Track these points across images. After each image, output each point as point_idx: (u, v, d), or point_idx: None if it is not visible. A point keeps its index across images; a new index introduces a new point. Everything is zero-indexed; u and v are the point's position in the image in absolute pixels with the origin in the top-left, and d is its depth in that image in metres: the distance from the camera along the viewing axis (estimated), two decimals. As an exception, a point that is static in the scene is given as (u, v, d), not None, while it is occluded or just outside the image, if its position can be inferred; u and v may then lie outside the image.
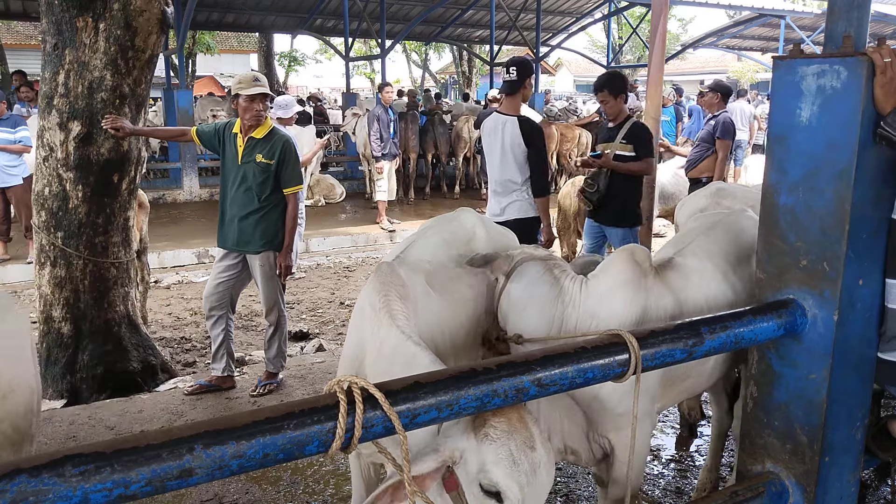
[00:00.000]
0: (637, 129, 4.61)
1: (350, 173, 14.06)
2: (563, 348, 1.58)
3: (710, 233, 2.62)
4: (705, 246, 2.54)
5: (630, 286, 2.25)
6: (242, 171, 4.12)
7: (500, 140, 4.35)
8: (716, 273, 2.43)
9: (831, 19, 1.95)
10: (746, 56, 24.04)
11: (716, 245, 2.54)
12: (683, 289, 2.35)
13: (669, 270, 2.41)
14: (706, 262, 2.46)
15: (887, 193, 1.83)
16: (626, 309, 2.22)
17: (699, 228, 2.70)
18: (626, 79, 4.84)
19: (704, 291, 2.37)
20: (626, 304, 2.22)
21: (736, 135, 6.57)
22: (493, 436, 1.48)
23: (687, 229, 2.84)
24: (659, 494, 3.25)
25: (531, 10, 17.25)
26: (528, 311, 2.24)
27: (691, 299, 2.33)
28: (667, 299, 2.29)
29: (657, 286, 2.30)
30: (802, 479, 1.92)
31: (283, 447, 1.19)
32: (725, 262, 2.48)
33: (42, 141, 4.31)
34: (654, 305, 2.25)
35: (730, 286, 2.43)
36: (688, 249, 2.54)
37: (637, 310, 2.22)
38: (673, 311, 2.28)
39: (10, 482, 0.99)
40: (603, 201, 4.65)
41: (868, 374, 1.94)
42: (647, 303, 2.24)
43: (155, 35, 4.35)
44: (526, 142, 4.28)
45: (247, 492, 3.20)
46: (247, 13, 16.68)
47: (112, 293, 4.57)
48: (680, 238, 2.74)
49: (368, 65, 31.92)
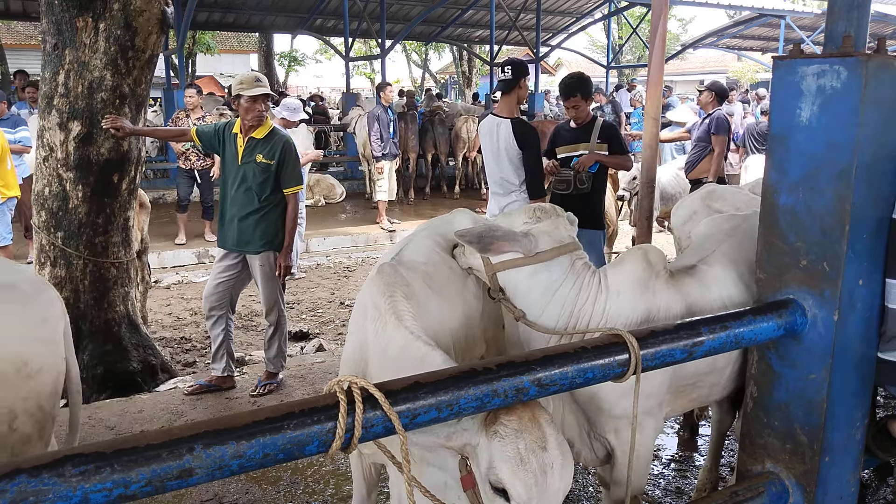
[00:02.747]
0: (610, 128, 4.65)
1: (350, 173, 14.06)
2: (563, 348, 1.58)
3: (731, 239, 2.59)
4: (730, 253, 2.51)
5: (638, 285, 2.24)
6: (242, 171, 4.12)
7: (495, 142, 4.35)
8: (739, 283, 2.41)
9: (831, 19, 1.95)
10: (746, 56, 24.04)
11: (739, 252, 2.51)
12: (701, 297, 2.32)
13: (688, 277, 2.39)
14: (730, 271, 2.43)
15: (887, 193, 1.83)
16: (632, 307, 2.21)
17: (721, 234, 2.67)
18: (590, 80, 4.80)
19: (724, 302, 2.34)
20: (632, 303, 2.21)
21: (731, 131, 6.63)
22: (501, 433, 1.48)
23: (707, 234, 2.80)
24: (659, 494, 3.25)
25: (531, 10, 17.25)
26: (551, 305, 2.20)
27: (706, 308, 2.30)
28: (677, 304, 2.27)
29: (667, 290, 2.28)
30: (802, 480, 1.93)
31: (283, 447, 1.19)
32: (748, 271, 2.43)
33: (42, 141, 4.31)
34: (661, 308, 2.24)
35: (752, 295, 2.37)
36: (712, 257, 2.51)
37: (641, 310, 2.21)
38: (683, 317, 2.24)
39: (10, 482, 0.99)
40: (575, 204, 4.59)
41: (868, 374, 1.94)
42: (651, 304, 2.23)
43: (155, 35, 4.35)
44: (520, 144, 4.26)
45: (247, 492, 3.20)
46: (247, 13, 16.68)
47: (112, 293, 4.56)
48: (702, 245, 2.70)
49: (368, 65, 31.91)
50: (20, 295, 1.65)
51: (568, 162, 4.61)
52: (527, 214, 2.28)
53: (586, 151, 4.56)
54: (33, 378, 1.58)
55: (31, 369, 1.57)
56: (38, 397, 1.60)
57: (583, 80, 4.62)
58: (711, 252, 2.55)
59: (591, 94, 4.61)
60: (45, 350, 1.64)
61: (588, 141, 4.57)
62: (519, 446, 1.46)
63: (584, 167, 4.50)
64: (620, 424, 2.23)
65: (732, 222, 2.74)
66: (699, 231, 2.93)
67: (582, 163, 4.50)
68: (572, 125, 4.72)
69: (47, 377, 1.63)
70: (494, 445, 1.47)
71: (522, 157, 4.29)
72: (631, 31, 20.25)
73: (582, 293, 2.22)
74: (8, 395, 1.52)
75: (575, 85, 4.53)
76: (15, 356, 1.54)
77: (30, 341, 1.60)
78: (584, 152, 4.57)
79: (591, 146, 4.56)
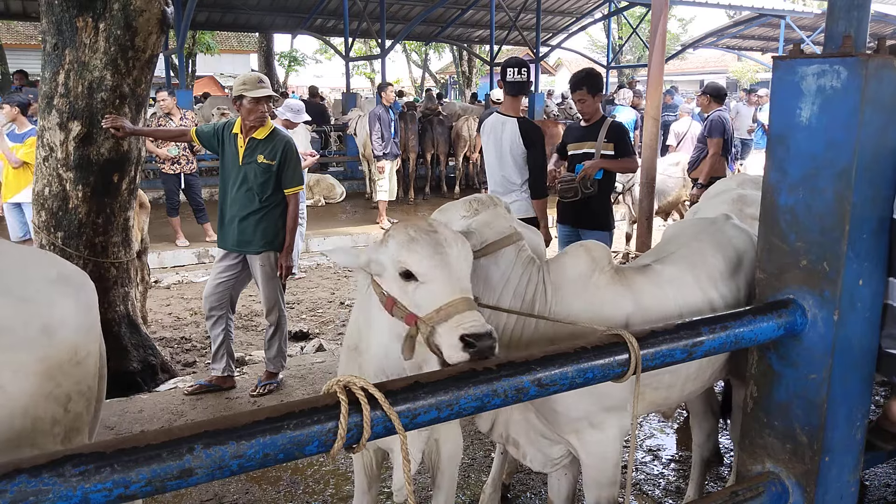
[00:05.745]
0: (618, 129, 4.66)
1: (350, 173, 14.05)
2: (564, 348, 1.58)
3: (694, 243, 2.52)
4: (689, 257, 2.44)
5: (579, 280, 2.20)
6: (243, 171, 4.12)
7: (500, 140, 4.35)
8: (695, 287, 2.33)
9: (831, 19, 1.95)
10: (746, 56, 24.05)
11: (700, 256, 2.44)
12: (652, 296, 2.25)
13: (639, 275, 2.32)
14: (686, 273, 2.36)
15: (887, 193, 1.83)
16: (573, 302, 2.17)
17: (684, 237, 2.61)
18: (602, 77, 4.84)
19: (678, 303, 2.27)
20: (573, 298, 2.18)
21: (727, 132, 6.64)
22: (392, 232, 1.77)
23: (670, 236, 2.74)
24: (659, 494, 3.25)
25: (531, 10, 17.26)
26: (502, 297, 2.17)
27: (657, 307, 2.23)
28: (624, 300, 2.20)
29: (612, 286, 2.22)
30: (802, 479, 1.92)
31: (283, 447, 1.19)
32: (708, 277, 2.38)
33: (42, 141, 4.30)
34: (605, 303, 2.18)
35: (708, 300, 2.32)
36: (669, 258, 2.45)
37: (582, 305, 2.17)
38: (630, 314, 2.19)
39: (10, 482, 0.99)
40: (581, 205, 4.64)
41: (868, 374, 1.94)
42: (594, 299, 2.18)
43: (155, 35, 4.34)
44: (525, 143, 4.29)
45: (247, 492, 3.20)
46: (247, 13, 16.68)
47: (112, 293, 4.56)
48: (663, 246, 2.64)
49: (368, 65, 31.91)
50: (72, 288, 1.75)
51: (576, 159, 4.67)
52: (464, 208, 2.24)
53: (592, 150, 4.60)
54: (82, 363, 1.71)
55: (81, 356, 1.70)
56: (87, 378, 1.74)
57: (590, 74, 4.66)
58: (670, 253, 2.49)
59: (600, 90, 4.62)
60: (90, 337, 1.76)
61: (595, 140, 4.61)
62: (409, 231, 1.74)
63: (589, 176, 4.54)
64: (580, 426, 2.17)
65: (699, 226, 2.67)
66: (665, 234, 2.87)
67: (587, 171, 4.53)
68: (583, 123, 4.78)
69: (92, 361, 1.77)
70: (389, 243, 1.74)
71: (527, 156, 4.32)
72: (631, 31, 20.24)
73: (530, 285, 2.19)
74: (65, 381, 1.65)
75: (582, 79, 4.57)
76: (71, 345, 1.66)
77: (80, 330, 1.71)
78: (590, 150, 4.61)
79: (597, 145, 4.59)
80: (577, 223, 4.81)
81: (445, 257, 1.69)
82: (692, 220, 2.83)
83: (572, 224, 4.84)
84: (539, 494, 3.22)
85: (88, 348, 1.75)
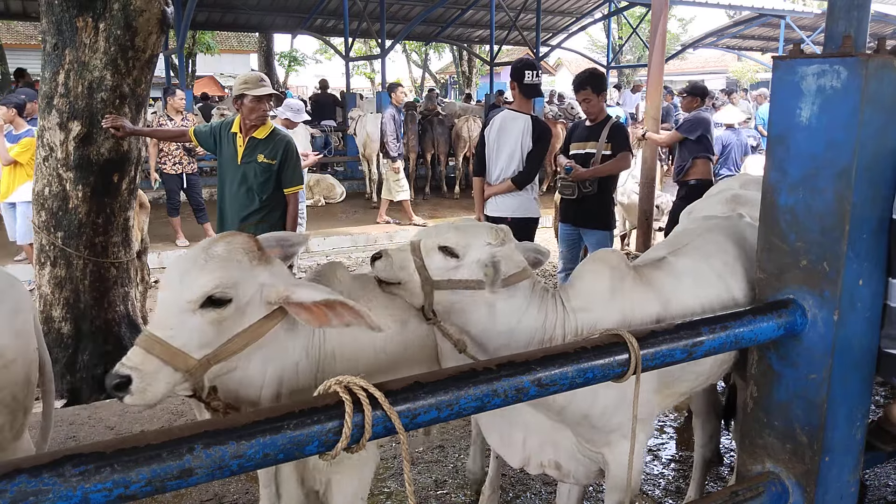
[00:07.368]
0: (619, 130, 4.78)
1: (350, 173, 14.05)
2: (564, 348, 1.58)
3: (708, 234, 2.49)
4: (703, 248, 2.40)
5: (607, 294, 2.13)
6: (243, 171, 4.12)
7: (510, 136, 4.43)
8: (711, 276, 2.29)
9: (831, 19, 1.95)
10: (746, 56, 24.06)
11: (715, 247, 2.40)
12: (673, 289, 2.22)
13: (656, 270, 2.29)
14: (702, 263, 2.32)
15: (887, 193, 1.83)
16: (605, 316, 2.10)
17: (698, 229, 2.58)
18: (605, 77, 4.94)
19: (698, 293, 2.24)
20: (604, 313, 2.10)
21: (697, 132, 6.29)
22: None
23: (682, 230, 2.72)
24: (659, 494, 3.25)
25: (531, 10, 17.26)
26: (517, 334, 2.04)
27: (681, 300, 2.20)
28: (650, 302, 2.17)
29: (637, 288, 2.18)
30: (802, 479, 1.92)
31: (283, 447, 1.19)
32: (724, 265, 2.35)
33: (42, 141, 4.31)
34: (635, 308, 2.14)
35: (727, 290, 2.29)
36: (683, 250, 2.42)
37: (616, 317, 2.11)
38: (658, 314, 2.16)
39: (10, 482, 0.99)
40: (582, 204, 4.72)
41: (868, 374, 1.94)
42: (625, 307, 2.13)
43: (155, 35, 4.34)
44: (534, 140, 4.40)
45: (247, 492, 3.20)
46: (247, 13, 16.69)
47: (112, 293, 4.56)
48: (675, 239, 2.60)
49: (368, 65, 31.92)
50: None
51: (577, 159, 4.77)
52: (490, 235, 2.02)
53: (594, 150, 4.71)
54: (8, 368, 1.63)
55: (6, 360, 1.62)
56: (13, 387, 1.65)
57: (594, 74, 4.77)
58: (683, 245, 2.46)
59: (604, 89, 4.74)
60: (19, 341, 1.68)
61: (597, 140, 4.72)
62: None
63: (580, 179, 4.65)
64: (613, 438, 2.18)
65: (712, 221, 2.65)
66: (676, 229, 2.86)
67: (578, 176, 4.62)
68: (587, 123, 4.89)
69: (20, 367, 1.68)
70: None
71: (530, 150, 4.42)
72: (631, 31, 20.26)
73: (549, 317, 2.09)
74: None
75: (586, 79, 4.69)
76: None
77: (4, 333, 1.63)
78: (591, 150, 4.72)
79: (599, 145, 4.71)
80: (578, 222, 4.85)
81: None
82: (704, 216, 2.79)
83: (573, 223, 4.88)
84: (539, 494, 3.22)
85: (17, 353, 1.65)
